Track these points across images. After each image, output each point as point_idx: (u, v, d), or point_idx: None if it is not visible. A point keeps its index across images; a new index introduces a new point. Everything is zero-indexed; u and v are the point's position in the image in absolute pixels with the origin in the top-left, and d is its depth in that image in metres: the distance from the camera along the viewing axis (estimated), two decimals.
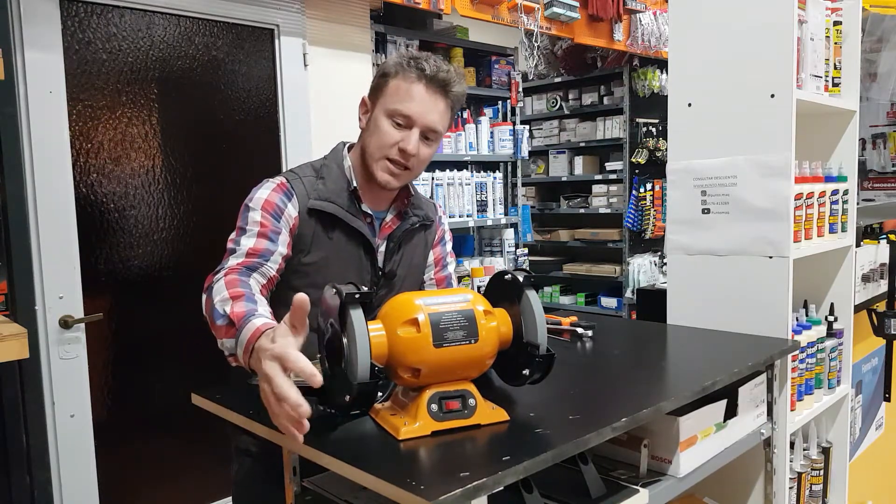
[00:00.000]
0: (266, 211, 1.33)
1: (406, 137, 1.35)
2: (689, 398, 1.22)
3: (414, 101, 1.34)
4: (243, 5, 2.55)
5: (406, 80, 1.35)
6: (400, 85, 1.35)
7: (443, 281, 1.64)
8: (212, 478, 2.55)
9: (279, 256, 1.32)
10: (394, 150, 1.35)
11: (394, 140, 1.35)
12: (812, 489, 1.93)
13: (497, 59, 3.73)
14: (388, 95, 1.36)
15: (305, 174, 1.42)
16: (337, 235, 1.39)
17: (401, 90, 1.35)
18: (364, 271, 1.42)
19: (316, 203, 1.37)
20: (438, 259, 1.63)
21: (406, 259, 1.51)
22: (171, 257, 2.44)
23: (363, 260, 1.42)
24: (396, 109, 1.34)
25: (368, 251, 1.42)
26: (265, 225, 1.32)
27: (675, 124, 1.90)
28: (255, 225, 1.32)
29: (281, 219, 1.34)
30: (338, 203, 1.38)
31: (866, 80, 4.55)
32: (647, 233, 4.84)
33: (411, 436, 0.99)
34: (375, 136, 1.37)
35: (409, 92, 1.34)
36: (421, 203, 1.55)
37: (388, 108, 1.35)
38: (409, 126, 1.35)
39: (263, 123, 2.68)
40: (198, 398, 1.25)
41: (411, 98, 1.34)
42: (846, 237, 2.00)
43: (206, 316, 1.20)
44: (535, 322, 1.06)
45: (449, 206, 3.34)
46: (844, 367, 2.05)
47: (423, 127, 1.35)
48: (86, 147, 2.25)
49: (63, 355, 2.18)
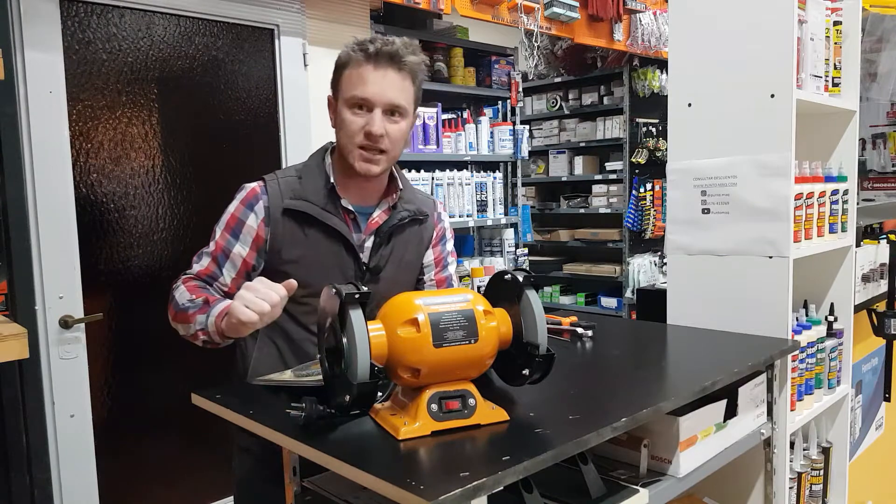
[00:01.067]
0: (227, 229, 1.42)
1: (369, 120, 1.35)
2: (689, 398, 1.22)
3: (367, 84, 1.35)
4: (243, 5, 2.55)
5: (356, 66, 1.36)
6: (351, 73, 1.37)
7: (443, 282, 1.62)
8: (211, 478, 2.55)
9: (224, 283, 1.41)
10: (360, 136, 1.36)
11: (358, 126, 1.36)
12: (812, 489, 1.93)
13: (497, 59, 3.73)
14: (343, 86, 1.38)
15: (287, 175, 1.45)
16: (313, 233, 1.40)
17: (353, 77, 1.36)
18: (346, 267, 1.42)
19: (289, 203, 1.39)
20: (439, 259, 1.61)
21: (396, 254, 1.49)
22: (171, 257, 2.44)
23: (344, 256, 1.42)
24: (353, 96, 1.36)
25: (349, 247, 1.42)
26: (220, 245, 1.42)
27: (675, 124, 1.90)
28: (213, 244, 1.43)
29: (240, 235, 1.41)
30: (312, 201, 1.40)
31: (866, 80, 4.55)
32: (647, 233, 4.84)
33: (411, 436, 0.99)
34: (343, 128, 1.39)
35: (360, 76, 1.35)
36: (414, 198, 1.54)
37: (346, 97, 1.37)
38: (369, 108, 1.36)
39: (263, 123, 2.68)
40: (198, 398, 1.25)
41: (364, 81, 1.35)
42: (846, 237, 2.00)
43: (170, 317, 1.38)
44: (534, 322, 1.06)
45: (449, 206, 3.34)
46: (844, 367, 2.05)
47: (383, 106, 1.36)
48: (86, 147, 2.25)
49: (63, 355, 2.18)
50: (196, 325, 1.30)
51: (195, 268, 1.43)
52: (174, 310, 1.36)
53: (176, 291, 1.38)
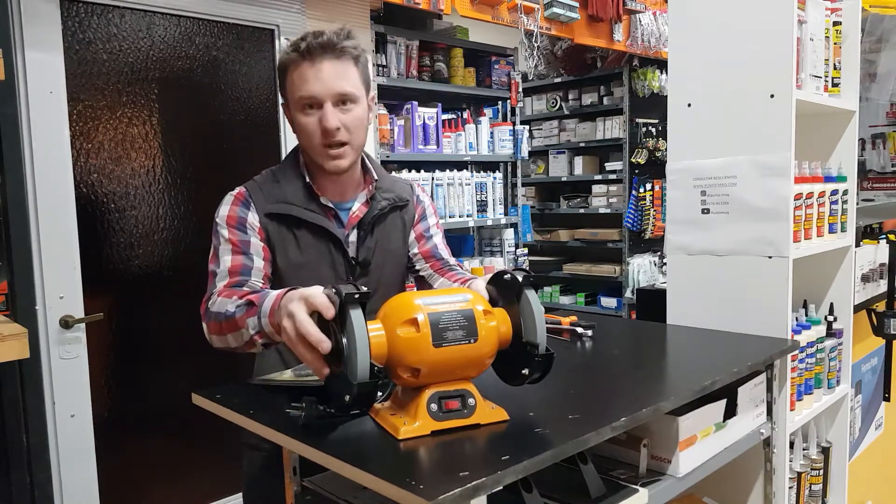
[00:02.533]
0: (231, 226, 1.37)
1: (322, 116, 1.34)
2: (689, 398, 1.22)
3: (308, 81, 1.33)
4: (243, 5, 2.55)
5: (294, 67, 1.34)
6: (292, 75, 1.35)
7: (429, 254, 1.56)
8: (212, 477, 2.55)
9: (259, 269, 1.35)
10: (318, 135, 1.35)
11: (314, 125, 1.34)
12: (812, 489, 1.93)
13: (497, 59, 3.73)
14: (290, 91, 1.37)
15: (265, 180, 1.43)
16: (302, 234, 1.40)
17: (295, 79, 1.35)
18: (337, 264, 1.42)
19: (272, 207, 1.38)
20: (420, 235, 1.57)
21: (382, 245, 1.48)
22: (171, 257, 2.45)
23: (333, 253, 1.41)
24: (300, 97, 1.34)
25: (336, 243, 1.41)
26: (234, 241, 1.36)
27: (674, 124, 1.90)
28: (226, 243, 1.36)
29: (246, 229, 1.37)
30: (293, 202, 1.39)
31: (866, 80, 4.55)
32: (646, 233, 4.84)
33: (411, 435, 0.99)
34: (301, 132, 1.37)
35: (301, 76, 1.33)
36: (392, 186, 1.53)
37: (294, 100, 1.36)
38: (318, 105, 1.34)
39: (263, 123, 2.68)
40: (198, 398, 1.25)
41: (304, 80, 1.33)
42: (846, 237, 2.01)
43: (214, 334, 1.25)
44: (534, 322, 1.06)
45: (449, 206, 3.35)
46: (844, 366, 2.05)
47: (331, 98, 1.33)
48: (86, 147, 2.25)
49: (63, 355, 2.18)
50: (250, 328, 1.16)
51: (220, 272, 1.33)
52: (217, 322, 1.23)
53: (213, 306, 1.26)
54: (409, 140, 3.24)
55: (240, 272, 1.32)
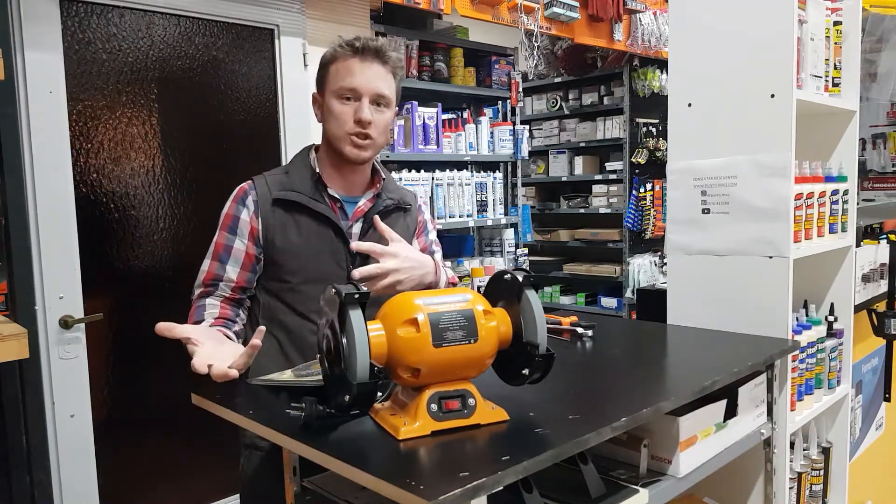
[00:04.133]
0: (224, 227, 1.48)
1: (358, 108, 1.44)
2: (689, 398, 1.22)
3: (355, 75, 1.44)
4: (243, 5, 2.55)
5: (343, 60, 1.45)
6: (339, 67, 1.45)
7: None
8: (212, 478, 2.55)
9: (231, 279, 1.47)
10: (350, 124, 1.44)
11: (348, 115, 1.44)
12: (812, 489, 1.93)
13: (497, 59, 3.73)
14: (331, 80, 1.47)
15: (274, 173, 1.53)
16: (304, 221, 1.46)
17: (341, 70, 1.45)
18: (337, 252, 1.47)
19: (279, 193, 1.46)
20: (424, 249, 1.64)
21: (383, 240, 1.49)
22: (171, 257, 2.44)
23: (335, 241, 1.47)
24: (342, 87, 1.44)
25: (338, 233, 1.47)
26: (219, 244, 1.48)
27: (675, 124, 1.90)
28: (213, 245, 1.49)
29: (236, 230, 1.47)
30: (300, 191, 1.47)
31: (866, 80, 4.54)
32: (647, 233, 4.84)
33: (411, 436, 0.99)
34: (332, 119, 1.46)
35: (348, 69, 1.44)
36: (397, 189, 1.62)
37: (335, 89, 1.45)
38: (357, 98, 1.44)
39: (263, 123, 2.68)
40: (198, 398, 1.25)
41: (351, 73, 1.44)
42: (846, 237, 2.00)
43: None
44: (534, 322, 1.06)
45: (449, 207, 3.34)
46: (844, 367, 2.05)
47: (370, 95, 1.44)
48: (86, 147, 2.25)
49: (63, 355, 2.18)
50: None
51: (199, 275, 1.49)
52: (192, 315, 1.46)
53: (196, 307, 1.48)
54: (409, 140, 3.23)
55: (210, 282, 1.47)
